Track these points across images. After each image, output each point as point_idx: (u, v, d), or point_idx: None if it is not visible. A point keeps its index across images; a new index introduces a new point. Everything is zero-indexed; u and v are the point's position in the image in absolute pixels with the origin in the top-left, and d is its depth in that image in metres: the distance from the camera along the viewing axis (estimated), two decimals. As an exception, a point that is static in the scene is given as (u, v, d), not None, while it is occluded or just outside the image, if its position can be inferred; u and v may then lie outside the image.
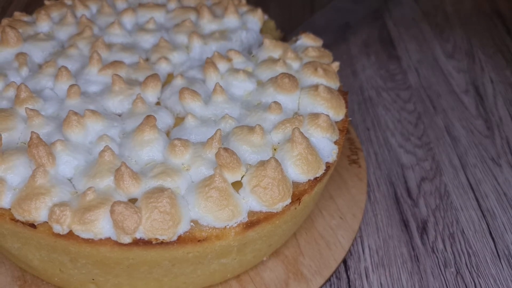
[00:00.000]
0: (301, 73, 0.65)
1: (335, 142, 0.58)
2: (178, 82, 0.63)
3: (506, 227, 0.70)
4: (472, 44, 1.10)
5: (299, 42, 0.73)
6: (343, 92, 0.65)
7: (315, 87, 0.62)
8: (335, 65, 0.68)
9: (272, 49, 0.69)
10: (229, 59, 0.67)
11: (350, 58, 1.05)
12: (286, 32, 0.79)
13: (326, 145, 0.57)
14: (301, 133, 0.54)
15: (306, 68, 0.65)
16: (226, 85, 0.63)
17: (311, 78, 0.64)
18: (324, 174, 0.55)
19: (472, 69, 1.02)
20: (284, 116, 0.59)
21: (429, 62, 1.04)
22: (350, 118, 0.64)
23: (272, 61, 0.66)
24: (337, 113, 0.61)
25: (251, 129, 0.55)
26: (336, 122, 0.61)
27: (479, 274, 0.64)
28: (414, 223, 0.70)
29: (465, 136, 0.86)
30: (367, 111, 0.91)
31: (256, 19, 0.77)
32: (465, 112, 0.91)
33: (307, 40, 0.72)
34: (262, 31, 0.77)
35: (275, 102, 0.59)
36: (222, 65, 0.65)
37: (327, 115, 0.58)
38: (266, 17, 0.81)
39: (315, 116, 0.58)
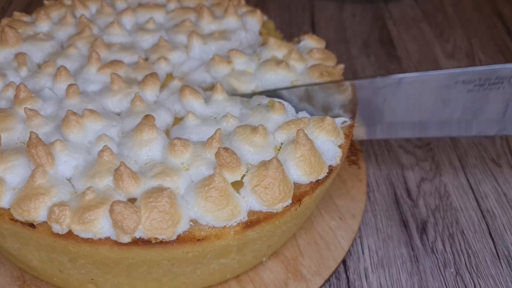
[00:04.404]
0: (306, 77, 0.65)
1: (340, 146, 0.58)
2: (176, 84, 0.63)
3: (506, 227, 0.70)
4: (472, 44, 1.10)
5: (302, 43, 0.72)
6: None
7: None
8: (340, 68, 0.68)
9: (277, 48, 0.69)
10: (229, 61, 0.66)
11: (350, 58, 1.05)
12: (286, 33, 0.79)
13: (330, 148, 0.57)
14: (306, 135, 0.54)
15: (311, 71, 0.65)
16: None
17: (316, 82, 0.64)
18: (326, 177, 0.55)
19: (472, 70, 1.02)
20: (287, 117, 0.59)
21: (429, 62, 1.04)
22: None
23: (275, 62, 0.66)
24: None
25: (254, 129, 0.55)
26: (342, 127, 0.61)
27: (479, 274, 0.64)
28: (413, 223, 0.70)
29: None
30: (367, 111, 0.91)
31: (255, 20, 0.77)
32: (465, 112, 0.91)
33: (310, 41, 0.72)
34: (261, 32, 0.77)
35: (279, 102, 0.58)
36: (222, 68, 0.65)
37: (332, 119, 0.58)
38: (265, 18, 0.80)
39: (320, 119, 0.58)
